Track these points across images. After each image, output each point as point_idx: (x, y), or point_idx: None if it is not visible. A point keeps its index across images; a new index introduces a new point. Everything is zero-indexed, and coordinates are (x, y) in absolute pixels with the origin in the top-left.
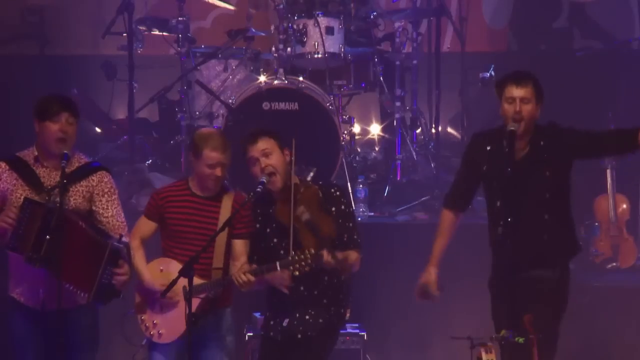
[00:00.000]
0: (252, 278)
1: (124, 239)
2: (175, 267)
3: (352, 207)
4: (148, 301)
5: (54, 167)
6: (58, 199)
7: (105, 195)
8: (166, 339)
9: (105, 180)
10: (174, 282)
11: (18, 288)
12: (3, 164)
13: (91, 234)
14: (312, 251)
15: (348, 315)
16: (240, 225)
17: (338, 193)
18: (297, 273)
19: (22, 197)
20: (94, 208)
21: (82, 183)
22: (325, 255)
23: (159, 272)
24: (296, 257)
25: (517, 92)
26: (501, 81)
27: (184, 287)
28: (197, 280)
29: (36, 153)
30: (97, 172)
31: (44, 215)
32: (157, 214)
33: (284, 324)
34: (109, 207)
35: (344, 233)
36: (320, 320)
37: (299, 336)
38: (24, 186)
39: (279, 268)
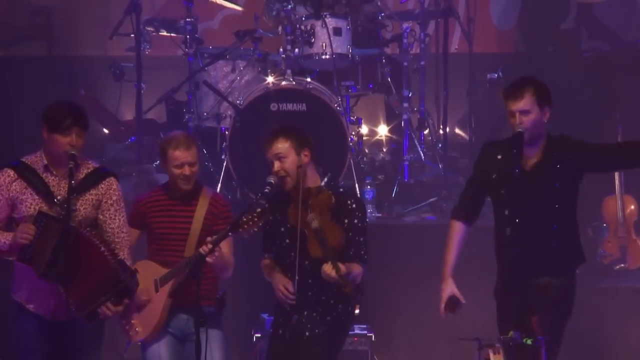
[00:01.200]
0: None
1: (122, 237)
2: (151, 267)
3: (367, 220)
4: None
5: (64, 176)
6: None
7: (114, 205)
8: (143, 335)
9: (114, 187)
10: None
11: (26, 296)
12: (11, 173)
13: (112, 264)
14: (259, 211)
15: (357, 311)
16: (220, 221)
17: (354, 206)
18: (246, 236)
19: (32, 207)
20: (100, 216)
21: (91, 191)
22: (328, 269)
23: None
24: (244, 219)
25: (514, 106)
26: (503, 93)
27: (155, 280)
28: (164, 271)
29: (45, 161)
30: (105, 178)
31: (61, 232)
32: (139, 220)
33: (292, 321)
34: (116, 218)
35: (351, 247)
36: (328, 318)
37: (307, 334)
38: (33, 195)
39: (230, 233)
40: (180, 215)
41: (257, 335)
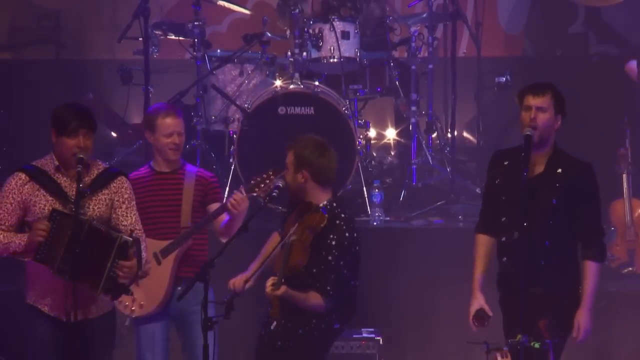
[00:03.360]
0: (242, 195)
1: (135, 233)
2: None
3: (344, 259)
4: None
5: (74, 177)
6: (84, 210)
7: (125, 203)
8: (147, 309)
9: (125, 186)
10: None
11: (41, 297)
12: (23, 176)
13: (104, 230)
14: (270, 173)
15: (337, 326)
16: (210, 192)
17: (334, 243)
18: (261, 194)
19: (46, 208)
20: (113, 215)
21: (103, 191)
22: (268, 282)
23: None
24: (258, 179)
25: (533, 100)
26: (521, 91)
27: (155, 253)
28: (164, 244)
29: (57, 163)
30: (116, 178)
31: (73, 227)
32: None
33: (272, 327)
34: (128, 215)
35: (319, 279)
36: (300, 331)
37: (279, 343)
38: (46, 196)
39: (244, 193)
40: (169, 189)
41: None
